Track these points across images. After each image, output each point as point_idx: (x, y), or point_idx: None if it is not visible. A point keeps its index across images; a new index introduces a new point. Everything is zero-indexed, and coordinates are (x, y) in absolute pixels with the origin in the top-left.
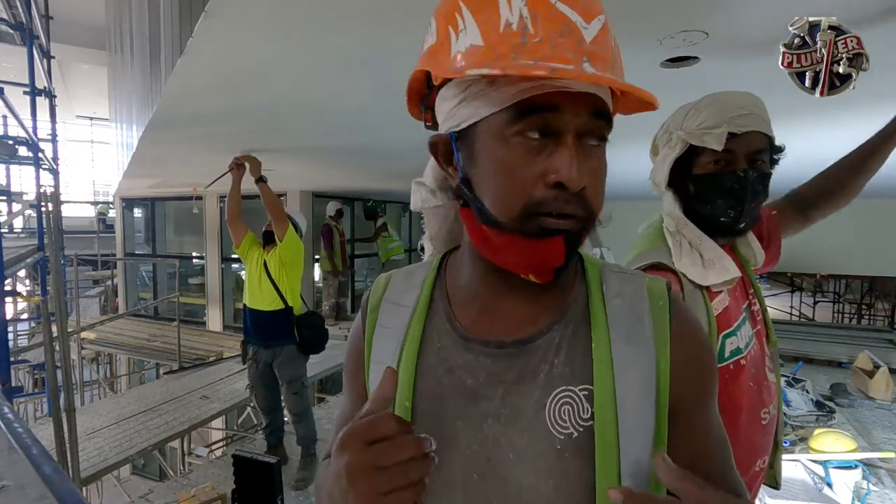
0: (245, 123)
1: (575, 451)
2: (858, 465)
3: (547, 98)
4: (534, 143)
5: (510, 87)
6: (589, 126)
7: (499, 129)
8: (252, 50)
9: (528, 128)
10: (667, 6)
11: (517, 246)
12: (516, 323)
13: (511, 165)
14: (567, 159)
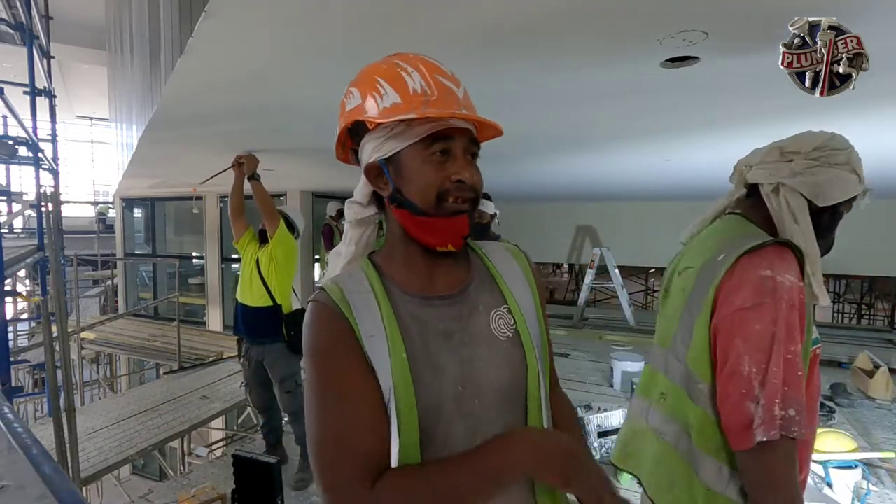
0: (245, 123)
1: (511, 345)
2: (858, 465)
3: (445, 131)
4: (439, 159)
5: (423, 126)
6: (469, 147)
7: (418, 152)
8: (252, 50)
9: (436, 149)
10: (667, 6)
11: (439, 224)
12: (449, 281)
13: (428, 172)
14: (463, 165)
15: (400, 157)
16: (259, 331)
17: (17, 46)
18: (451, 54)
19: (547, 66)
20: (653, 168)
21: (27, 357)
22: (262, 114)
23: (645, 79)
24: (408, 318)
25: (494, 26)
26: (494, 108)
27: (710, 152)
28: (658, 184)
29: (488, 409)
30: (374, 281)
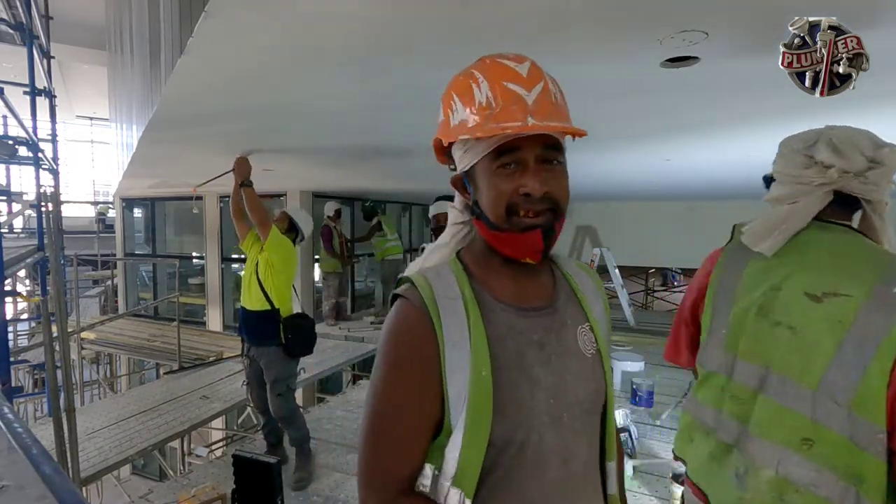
0: (245, 123)
1: (595, 361)
2: None
3: (511, 143)
4: (509, 171)
5: (488, 141)
6: (544, 155)
7: (487, 165)
8: (252, 50)
9: (503, 162)
10: (667, 6)
11: (511, 239)
12: (539, 293)
13: (496, 185)
14: (529, 178)
15: (474, 170)
16: (257, 334)
17: (18, 46)
18: (451, 54)
19: (546, 66)
20: (653, 168)
21: (27, 357)
22: (263, 114)
23: (645, 79)
24: (503, 327)
25: (492, 26)
26: None
27: (710, 152)
28: (658, 184)
29: (574, 421)
30: (465, 285)
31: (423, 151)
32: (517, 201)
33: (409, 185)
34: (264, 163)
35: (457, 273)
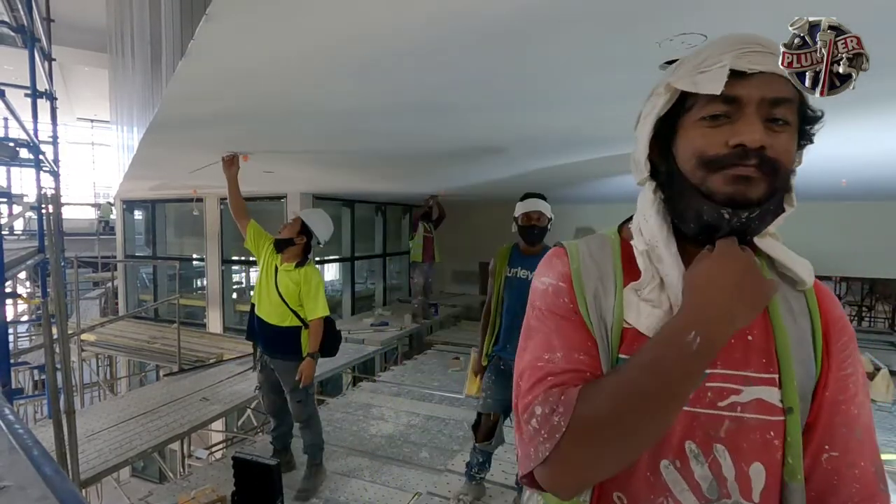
0: (246, 125)
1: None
2: None
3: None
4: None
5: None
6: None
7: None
8: (253, 52)
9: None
10: (665, 9)
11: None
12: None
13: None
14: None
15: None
16: (279, 349)
17: (19, 49)
18: (450, 55)
19: (545, 69)
20: None
21: (27, 359)
22: (264, 116)
23: (644, 81)
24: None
25: (493, 27)
26: (492, 110)
27: None
28: None
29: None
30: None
31: (424, 152)
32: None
33: (410, 186)
34: (265, 165)
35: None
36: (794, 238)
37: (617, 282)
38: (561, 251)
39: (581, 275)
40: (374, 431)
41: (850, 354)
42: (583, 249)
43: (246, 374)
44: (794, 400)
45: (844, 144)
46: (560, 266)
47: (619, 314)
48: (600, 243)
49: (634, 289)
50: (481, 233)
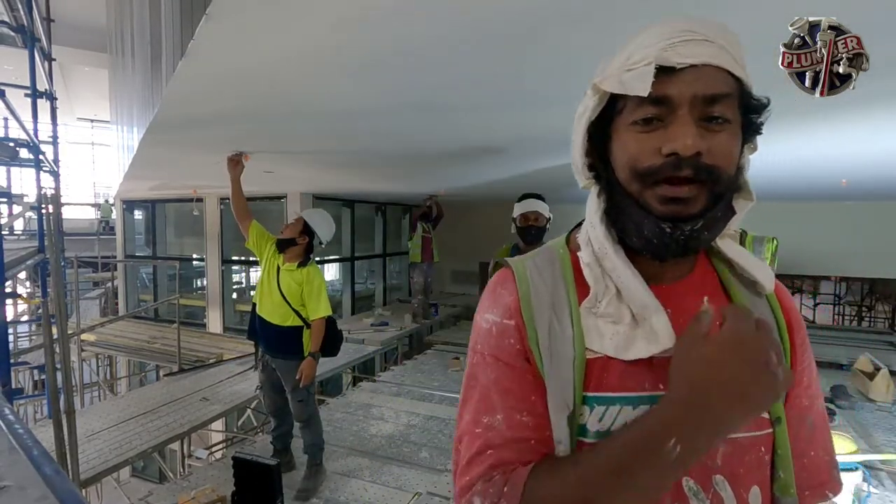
0: (246, 126)
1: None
2: (859, 467)
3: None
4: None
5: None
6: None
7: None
8: (253, 52)
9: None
10: (665, 9)
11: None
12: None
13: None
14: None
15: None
16: (280, 349)
17: (19, 49)
18: (450, 55)
19: (544, 69)
20: None
21: (27, 359)
22: (264, 116)
23: None
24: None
25: (494, 28)
26: (491, 110)
27: None
28: None
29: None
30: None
31: (425, 153)
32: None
33: (410, 187)
34: (265, 165)
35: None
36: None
37: (572, 305)
38: (507, 275)
39: (531, 304)
40: (374, 431)
41: (807, 347)
42: (531, 269)
43: (246, 374)
44: (780, 408)
45: (844, 144)
46: (506, 297)
47: (581, 344)
48: (548, 259)
49: (589, 308)
50: (481, 233)
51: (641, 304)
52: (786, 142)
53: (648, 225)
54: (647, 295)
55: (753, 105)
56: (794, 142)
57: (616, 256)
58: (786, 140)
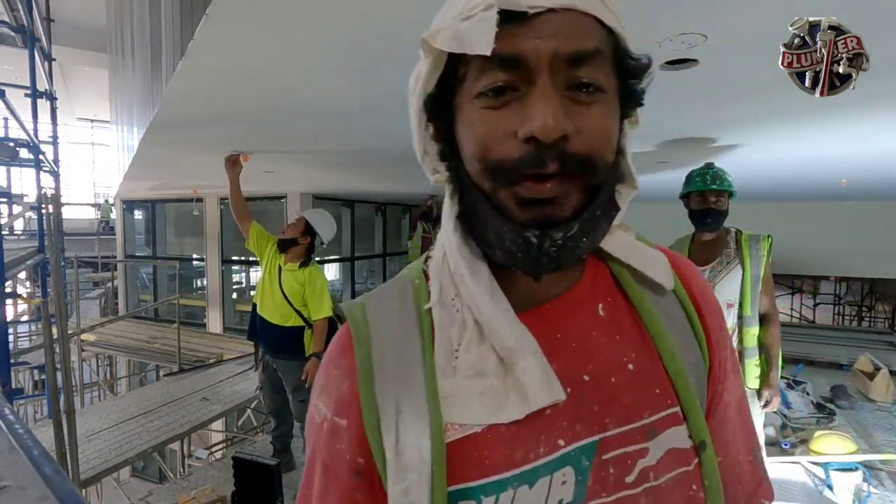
0: (246, 125)
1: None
2: (859, 467)
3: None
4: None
5: None
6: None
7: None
8: (253, 52)
9: None
10: (665, 9)
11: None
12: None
13: None
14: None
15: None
16: (281, 349)
17: (19, 49)
18: None
19: None
20: (650, 170)
21: (27, 359)
22: (264, 116)
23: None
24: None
25: None
26: None
27: (709, 154)
28: (658, 185)
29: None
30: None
31: None
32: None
33: (411, 187)
34: (265, 165)
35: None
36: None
37: (427, 364)
38: (345, 340)
39: (373, 382)
40: None
41: (725, 333)
42: (375, 317)
43: (246, 374)
44: (703, 429)
45: (844, 144)
46: (337, 378)
47: (438, 422)
48: (399, 295)
49: (446, 362)
50: None
51: (504, 347)
52: (785, 141)
53: (509, 234)
54: (509, 331)
55: (632, 67)
56: (793, 142)
57: (471, 277)
58: (785, 140)
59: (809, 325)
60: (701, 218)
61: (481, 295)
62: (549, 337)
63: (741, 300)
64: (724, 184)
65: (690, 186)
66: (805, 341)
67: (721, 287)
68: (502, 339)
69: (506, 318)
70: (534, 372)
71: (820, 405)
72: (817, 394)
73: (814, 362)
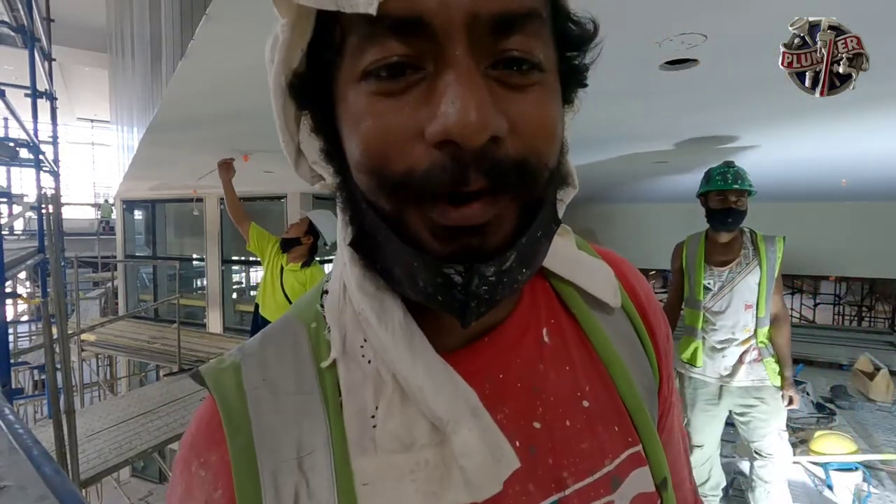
0: (246, 126)
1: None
2: (859, 467)
3: None
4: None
5: None
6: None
7: None
8: (253, 52)
9: None
10: (665, 8)
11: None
12: None
13: None
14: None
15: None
16: None
17: (19, 49)
18: None
19: None
20: (649, 170)
21: (27, 359)
22: (264, 116)
23: (644, 81)
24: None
25: None
26: None
27: (709, 155)
28: (658, 185)
29: None
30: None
31: None
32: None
33: None
34: (265, 165)
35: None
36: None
37: (335, 439)
38: (211, 425)
39: (259, 483)
40: None
41: (670, 345)
42: (256, 389)
43: None
44: (664, 466)
45: (844, 144)
46: (204, 482)
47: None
48: (290, 348)
49: (359, 435)
50: None
51: (432, 416)
52: (788, 141)
53: (423, 271)
54: (435, 393)
55: (574, 35)
56: (795, 141)
57: (380, 323)
58: (786, 140)
59: (809, 325)
60: (721, 218)
61: (394, 346)
62: (489, 380)
63: (757, 301)
64: (745, 183)
65: (710, 185)
66: (805, 341)
67: (740, 288)
68: (427, 404)
69: (429, 373)
70: (475, 446)
71: (820, 405)
72: (817, 394)
73: (814, 362)
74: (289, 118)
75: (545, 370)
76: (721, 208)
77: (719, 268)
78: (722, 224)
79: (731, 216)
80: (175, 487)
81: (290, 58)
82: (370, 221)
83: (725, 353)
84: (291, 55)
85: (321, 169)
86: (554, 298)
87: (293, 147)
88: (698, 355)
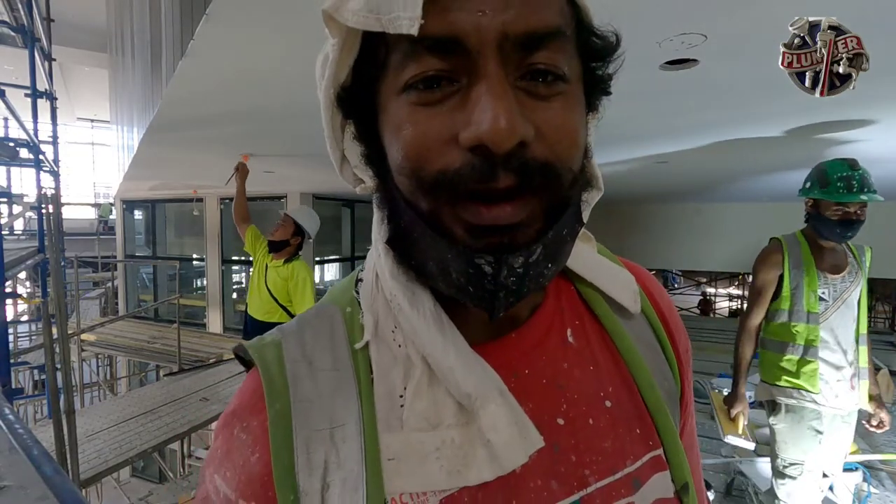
0: (246, 126)
1: None
2: (859, 467)
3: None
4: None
5: None
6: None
7: None
8: (253, 52)
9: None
10: (665, 8)
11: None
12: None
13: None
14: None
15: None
16: None
17: (19, 49)
18: None
19: None
20: (649, 170)
21: (27, 359)
22: (264, 116)
23: (644, 81)
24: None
25: None
26: None
27: (710, 154)
28: (659, 185)
29: None
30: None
31: None
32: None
33: None
34: (265, 165)
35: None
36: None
37: (365, 415)
38: (254, 393)
39: (293, 448)
40: None
41: (690, 353)
42: (296, 363)
43: (246, 374)
44: (686, 471)
45: (852, 142)
46: (244, 445)
47: (377, 497)
48: (327, 330)
49: (388, 415)
50: None
51: (461, 394)
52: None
53: (455, 262)
54: (465, 372)
55: (598, 47)
56: (797, 141)
57: (411, 308)
58: (787, 139)
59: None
60: (841, 231)
61: (426, 329)
62: (514, 374)
63: (858, 315)
64: (872, 192)
65: (830, 194)
66: None
67: (851, 300)
68: (457, 383)
69: (459, 355)
70: (502, 420)
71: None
72: None
73: None
74: (335, 127)
75: (569, 369)
76: (842, 219)
77: (833, 275)
78: (842, 236)
79: (852, 229)
80: (215, 451)
81: (339, 73)
82: (408, 219)
83: (840, 374)
84: (340, 71)
85: (361, 172)
86: (578, 301)
87: (339, 153)
88: (816, 379)
